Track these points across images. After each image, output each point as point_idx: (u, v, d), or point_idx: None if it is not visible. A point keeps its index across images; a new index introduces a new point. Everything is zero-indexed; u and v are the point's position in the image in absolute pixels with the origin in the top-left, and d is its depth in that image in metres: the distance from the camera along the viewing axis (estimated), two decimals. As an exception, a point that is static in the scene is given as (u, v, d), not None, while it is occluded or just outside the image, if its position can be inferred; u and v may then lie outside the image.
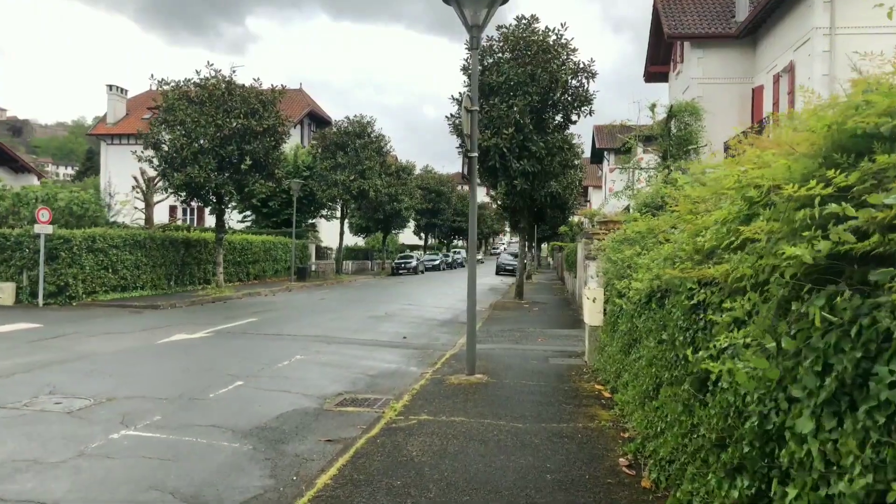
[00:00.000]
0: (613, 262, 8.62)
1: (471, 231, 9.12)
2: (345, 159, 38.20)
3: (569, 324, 17.08)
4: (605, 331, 9.66)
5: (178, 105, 23.56)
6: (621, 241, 8.36)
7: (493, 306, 21.77)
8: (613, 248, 9.04)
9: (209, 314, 18.38)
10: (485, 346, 12.86)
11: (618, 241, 8.74)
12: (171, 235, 25.95)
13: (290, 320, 16.93)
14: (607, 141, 56.18)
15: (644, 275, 5.75)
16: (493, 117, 21.23)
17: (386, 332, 14.99)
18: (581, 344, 13.40)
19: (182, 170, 23.58)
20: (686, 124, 20.57)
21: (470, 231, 9.11)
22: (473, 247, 9.17)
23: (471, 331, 9.29)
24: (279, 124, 25.74)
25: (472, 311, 9.34)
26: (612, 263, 8.92)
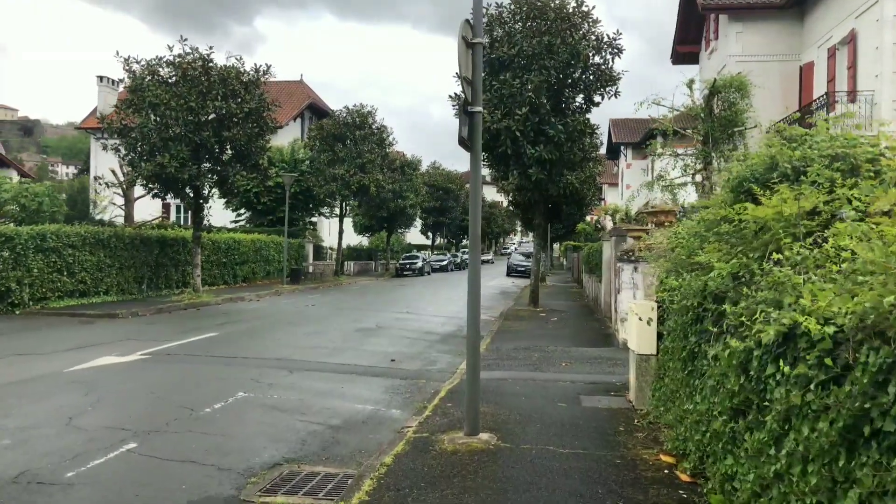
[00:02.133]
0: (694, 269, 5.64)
1: (472, 222, 6.19)
2: (343, 152, 35.34)
3: (596, 340, 14.09)
4: (671, 368, 6.69)
5: (147, 86, 20.75)
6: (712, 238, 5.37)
7: (505, 315, 18.81)
8: (685, 248, 6.07)
9: (168, 326, 15.54)
10: (494, 374, 9.92)
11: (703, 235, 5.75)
12: (142, 233, 23.17)
13: (257, 335, 14.04)
14: (624, 135, 53.20)
15: (844, 303, 2.76)
16: (503, 96, 18.27)
17: (371, 353, 12.06)
18: (618, 370, 10.45)
19: (151, 159, 20.78)
20: (731, 102, 17.51)
21: (471, 222, 6.19)
22: (477, 243, 6.23)
23: (472, 377, 6.33)
24: (264, 108, 22.89)
25: (475, 351, 6.39)
26: (687, 271, 5.94)
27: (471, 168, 6.24)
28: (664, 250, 8.27)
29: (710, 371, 4.96)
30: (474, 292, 6.25)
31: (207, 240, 26.98)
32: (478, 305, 6.30)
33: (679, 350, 6.32)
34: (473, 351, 6.30)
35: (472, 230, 6.22)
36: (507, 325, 16.41)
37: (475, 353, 6.30)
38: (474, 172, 6.22)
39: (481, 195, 6.31)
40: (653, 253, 8.56)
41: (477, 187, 6.24)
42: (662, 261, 7.68)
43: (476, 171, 6.22)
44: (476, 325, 6.28)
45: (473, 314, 6.25)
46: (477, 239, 6.24)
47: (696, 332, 5.75)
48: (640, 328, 7.98)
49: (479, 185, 6.26)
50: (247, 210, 38.60)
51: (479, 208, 6.26)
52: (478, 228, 6.22)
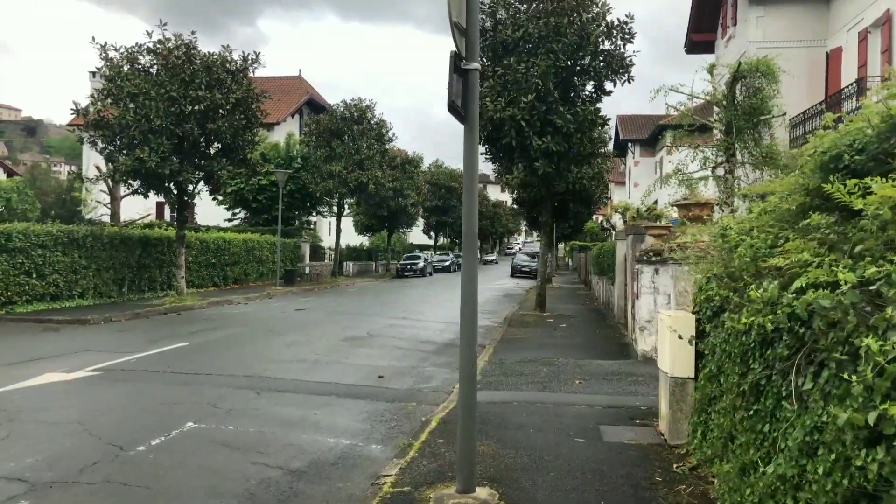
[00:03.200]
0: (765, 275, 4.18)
1: (466, 215, 4.74)
2: (341, 148, 33.89)
3: (611, 350, 12.60)
4: (722, 402, 5.22)
5: (125, 75, 19.34)
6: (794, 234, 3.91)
7: (509, 320, 17.34)
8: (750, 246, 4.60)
9: (138, 334, 14.11)
10: (496, 396, 8.47)
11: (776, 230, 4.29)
12: (123, 233, 21.76)
13: (232, 346, 12.60)
14: (632, 132, 51.72)
15: None
16: (507, 82, 16.78)
17: (357, 367, 10.60)
18: (640, 389, 8.98)
19: (130, 153, 19.37)
20: (756, 89, 15.99)
21: (465, 215, 4.74)
22: (472, 241, 4.77)
23: (466, 422, 4.83)
24: (252, 99, 21.45)
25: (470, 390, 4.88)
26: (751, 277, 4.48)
27: (465, 144, 4.78)
28: (704, 250, 6.81)
29: (802, 424, 3.49)
30: (470, 306, 4.78)
31: (195, 239, 25.59)
32: (474, 324, 4.83)
33: (736, 380, 4.85)
34: (468, 389, 4.82)
35: (467, 225, 4.76)
36: (511, 333, 14.94)
37: (470, 390, 4.83)
38: (469, 149, 4.76)
39: (478, 181, 4.84)
40: (687, 253, 7.09)
41: (473, 168, 4.78)
42: (704, 263, 6.21)
43: (471, 147, 4.76)
44: (471, 352, 4.81)
45: (468, 337, 4.78)
46: (473, 236, 4.77)
47: (767, 361, 4.29)
48: (675, 345, 6.51)
49: (476, 165, 4.80)
50: (242, 209, 37.25)
51: (474, 196, 4.80)
52: (474, 222, 4.76)
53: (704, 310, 6.26)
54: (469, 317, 4.78)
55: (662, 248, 9.77)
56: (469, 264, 4.82)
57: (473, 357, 4.81)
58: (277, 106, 47.53)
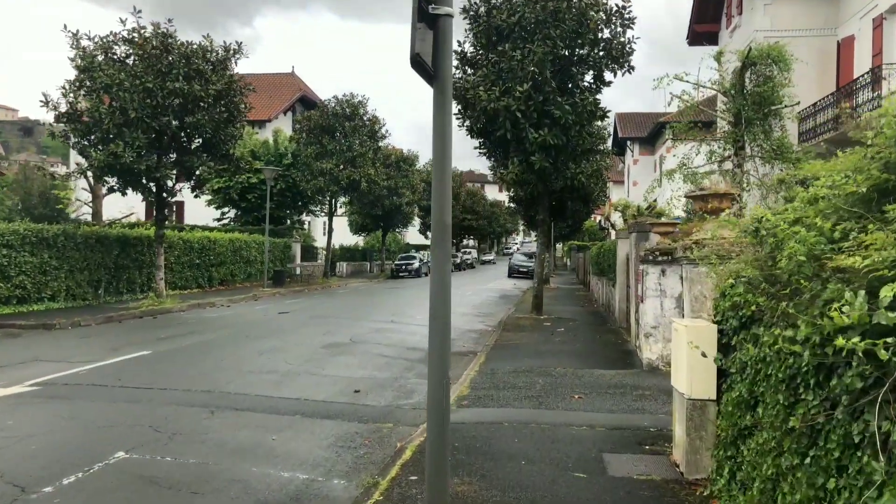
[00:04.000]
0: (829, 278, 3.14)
1: (435, 201, 3.72)
2: (332, 145, 32.84)
3: (613, 358, 11.57)
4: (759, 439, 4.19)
5: (99, 65, 18.28)
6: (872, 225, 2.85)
7: (504, 324, 16.30)
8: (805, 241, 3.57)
9: (103, 340, 13.07)
10: (485, 414, 7.45)
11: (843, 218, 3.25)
12: (99, 232, 20.70)
13: (199, 355, 11.54)
14: (631, 129, 50.72)
15: None
16: (502, 70, 15.76)
17: (332, 379, 9.56)
18: (647, 405, 7.97)
19: (105, 147, 18.31)
20: (766, 77, 14.98)
21: (434, 199, 3.72)
22: (445, 234, 3.73)
23: (435, 478, 3.80)
24: (235, 92, 20.40)
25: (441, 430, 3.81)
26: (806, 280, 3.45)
27: (434, 111, 3.75)
28: (727, 248, 5.78)
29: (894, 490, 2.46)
30: (440, 321, 3.74)
31: (177, 239, 24.53)
32: (445, 344, 3.78)
33: (780, 413, 3.81)
34: (438, 429, 3.77)
35: (438, 214, 3.73)
36: (505, 338, 13.90)
37: (441, 433, 3.77)
38: (440, 117, 3.73)
39: (451, 158, 3.80)
40: (705, 252, 6.06)
41: (444, 142, 3.74)
42: (730, 263, 5.18)
43: (443, 114, 3.73)
44: (441, 378, 3.74)
45: (439, 362, 3.72)
46: (444, 228, 3.73)
47: (827, 393, 3.27)
48: (693, 361, 5.49)
49: (448, 138, 3.77)
50: (231, 207, 36.20)
51: (447, 177, 3.77)
52: (446, 209, 3.73)
53: (729, 319, 5.24)
54: (439, 334, 3.74)
55: (673, 247, 8.75)
56: (440, 265, 3.78)
57: (444, 386, 3.75)
58: (269, 103, 46.52)
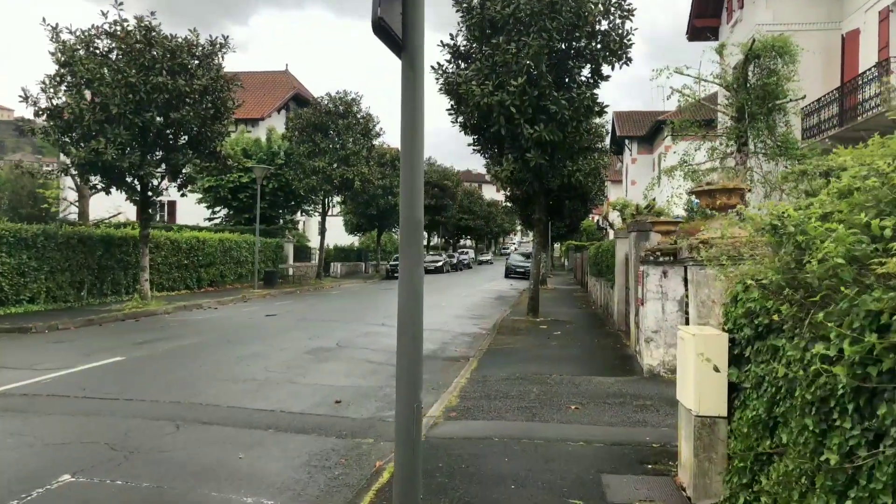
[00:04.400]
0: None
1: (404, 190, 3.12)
2: (325, 143, 32.24)
3: (612, 364, 11.00)
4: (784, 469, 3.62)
5: (80, 59, 17.68)
6: None
7: (499, 327, 15.73)
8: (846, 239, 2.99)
9: (77, 345, 12.48)
10: (474, 428, 6.88)
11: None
12: (81, 232, 20.09)
13: (176, 361, 10.95)
14: (629, 128, 50.20)
15: None
16: (496, 64, 15.18)
17: (313, 388, 8.98)
18: (649, 417, 7.41)
19: (85, 144, 17.71)
20: (771, 70, 14.43)
21: (403, 189, 3.12)
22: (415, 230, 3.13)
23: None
24: (221, 87, 19.79)
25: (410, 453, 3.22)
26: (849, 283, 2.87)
27: (402, 85, 3.18)
28: (740, 248, 5.22)
29: None
30: (410, 335, 3.17)
31: (164, 239, 23.93)
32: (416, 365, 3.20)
33: (811, 442, 3.25)
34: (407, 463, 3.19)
35: (407, 210, 3.15)
36: (499, 342, 13.33)
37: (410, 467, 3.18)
38: (408, 91, 3.15)
39: (422, 142, 3.22)
40: (712, 252, 5.50)
41: (415, 123, 3.17)
42: (744, 265, 4.62)
43: (413, 90, 3.15)
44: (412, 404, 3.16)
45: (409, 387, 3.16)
46: (415, 225, 3.16)
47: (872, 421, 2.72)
48: (702, 374, 4.93)
49: (419, 118, 3.20)
50: (223, 207, 35.57)
51: (418, 164, 3.20)
52: (416, 203, 3.15)
53: (742, 328, 4.68)
54: (409, 351, 3.17)
55: (676, 247, 8.18)
56: (409, 269, 3.20)
57: (415, 411, 3.18)
58: (262, 101, 45.93)
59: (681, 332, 5.40)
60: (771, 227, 4.11)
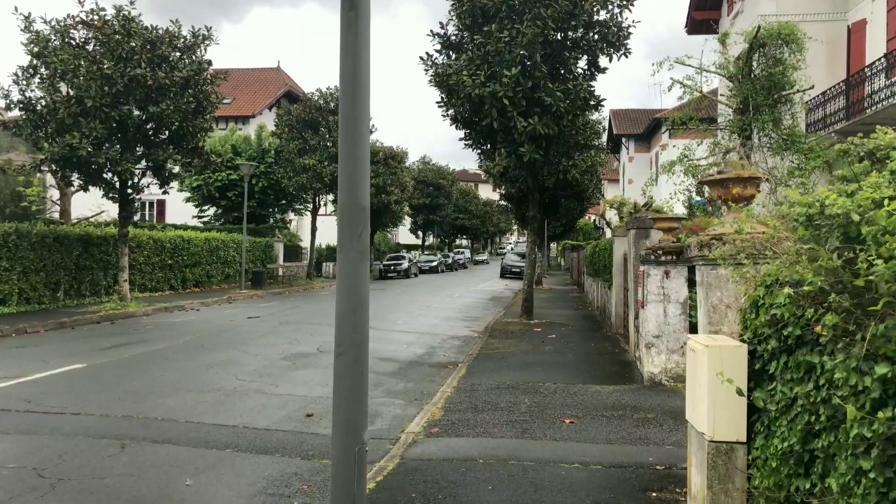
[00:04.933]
0: None
1: (344, 163, 2.35)
2: (315, 140, 31.47)
3: (610, 371, 10.28)
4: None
5: (54, 49, 16.89)
6: None
7: (490, 331, 14.99)
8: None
9: (40, 350, 11.71)
10: (457, 445, 6.17)
11: None
12: (58, 231, 19.31)
13: (139, 368, 10.18)
14: (626, 127, 49.54)
15: None
16: (488, 53, 14.45)
17: (283, 400, 8.23)
18: (651, 433, 6.70)
19: (59, 138, 16.92)
20: (776, 59, 13.72)
21: (343, 159, 2.36)
22: (358, 234, 2.35)
23: None
24: (204, 80, 19.01)
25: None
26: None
27: (341, 31, 2.44)
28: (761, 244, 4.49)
29: None
30: (351, 356, 2.42)
31: (147, 238, 23.15)
32: (360, 393, 2.45)
33: (871, 494, 2.52)
34: None
35: (347, 194, 2.40)
36: (491, 346, 12.59)
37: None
38: (349, 39, 2.41)
39: (368, 107, 2.48)
40: (726, 249, 4.78)
41: (358, 78, 2.42)
42: (773, 265, 3.89)
43: (354, 35, 2.41)
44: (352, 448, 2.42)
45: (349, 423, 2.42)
46: (359, 212, 2.41)
47: None
48: (718, 393, 4.20)
49: (363, 79, 2.45)
50: (211, 206, 34.79)
51: (361, 134, 2.46)
52: (361, 182, 2.40)
53: (767, 339, 3.95)
54: (350, 379, 2.42)
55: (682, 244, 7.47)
56: (351, 269, 2.46)
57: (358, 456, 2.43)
58: (253, 98, 45.15)
59: (691, 343, 4.66)
60: (806, 217, 3.38)
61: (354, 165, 2.39)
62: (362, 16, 2.42)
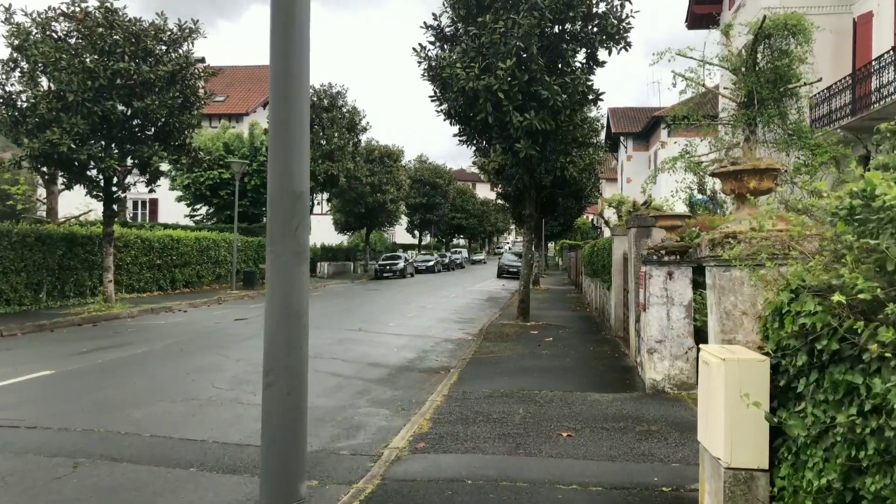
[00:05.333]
0: None
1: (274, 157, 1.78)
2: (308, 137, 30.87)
3: (610, 377, 9.74)
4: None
5: (35, 42, 16.33)
6: None
7: (485, 333, 14.45)
8: None
9: (11, 355, 11.17)
10: (443, 463, 5.64)
11: None
12: (40, 230, 18.74)
13: (113, 375, 9.63)
14: (624, 125, 49.03)
15: None
16: (482, 45, 13.91)
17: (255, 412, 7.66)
18: (655, 448, 6.18)
19: (39, 134, 16.35)
20: (782, 52, 13.18)
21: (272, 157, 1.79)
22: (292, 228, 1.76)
23: None
24: (191, 75, 18.45)
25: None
26: None
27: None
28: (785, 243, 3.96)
29: None
30: (285, 382, 1.87)
31: (135, 238, 22.58)
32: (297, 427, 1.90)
33: None
34: None
35: (278, 177, 1.84)
36: (485, 350, 12.05)
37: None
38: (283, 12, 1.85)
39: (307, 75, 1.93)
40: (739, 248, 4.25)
41: (292, 31, 1.85)
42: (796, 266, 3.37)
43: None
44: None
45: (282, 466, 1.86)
46: (295, 202, 1.86)
47: None
48: (736, 414, 3.67)
49: (302, 23, 1.88)
50: (203, 204, 34.19)
51: (298, 105, 1.89)
52: (296, 166, 1.85)
53: (795, 353, 3.41)
54: (280, 415, 1.88)
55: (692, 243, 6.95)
56: (283, 273, 1.91)
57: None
58: (247, 96, 44.59)
59: (704, 354, 4.13)
60: (847, 210, 2.84)
61: (288, 143, 1.85)
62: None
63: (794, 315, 3.42)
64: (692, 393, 8.45)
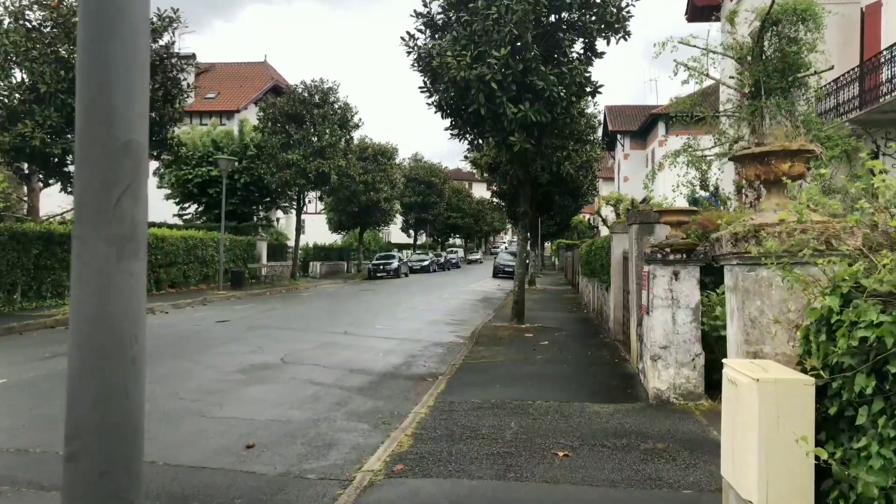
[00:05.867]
0: None
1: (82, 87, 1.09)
2: (299, 134, 30.15)
3: (609, 385, 9.02)
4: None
5: (6, 32, 15.58)
6: None
7: (477, 337, 13.71)
8: None
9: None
10: (422, 488, 4.93)
11: None
12: (12, 228, 17.93)
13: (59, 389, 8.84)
14: (622, 123, 48.38)
15: None
16: (475, 32, 13.17)
17: (224, 425, 6.95)
18: (662, 470, 5.46)
19: (11, 127, 15.60)
20: (791, 39, 12.49)
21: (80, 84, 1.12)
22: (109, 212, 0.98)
23: None
24: (174, 65, 17.72)
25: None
26: None
27: None
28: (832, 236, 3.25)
29: None
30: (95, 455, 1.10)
31: (116, 236, 21.78)
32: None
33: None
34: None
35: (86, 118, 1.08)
36: (476, 355, 11.32)
37: None
38: None
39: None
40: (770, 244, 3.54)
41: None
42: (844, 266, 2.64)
43: None
44: None
45: None
46: (126, 153, 1.11)
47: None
48: (772, 446, 2.93)
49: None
50: (191, 202, 33.44)
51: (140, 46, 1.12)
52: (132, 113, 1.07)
53: (847, 373, 2.70)
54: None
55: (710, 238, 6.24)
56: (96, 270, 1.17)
57: None
58: (239, 93, 43.79)
59: (730, 371, 3.40)
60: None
61: (105, 57, 1.12)
62: None
63: (848, 326, 2.70)
64: (700, 404, 7.75)
